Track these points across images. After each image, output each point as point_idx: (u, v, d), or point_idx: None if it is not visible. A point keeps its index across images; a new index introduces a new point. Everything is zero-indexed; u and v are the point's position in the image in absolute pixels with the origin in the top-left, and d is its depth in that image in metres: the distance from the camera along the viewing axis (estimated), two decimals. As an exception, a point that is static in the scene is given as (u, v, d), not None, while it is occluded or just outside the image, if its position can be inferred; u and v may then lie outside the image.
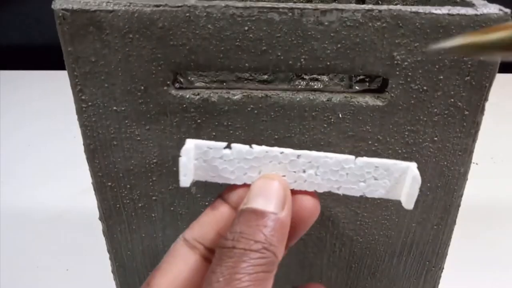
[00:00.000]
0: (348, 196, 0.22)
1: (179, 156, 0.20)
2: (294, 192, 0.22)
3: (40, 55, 0.69)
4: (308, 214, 0.22)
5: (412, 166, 0.21)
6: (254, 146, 0.21)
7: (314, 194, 0.22)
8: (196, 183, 0.22)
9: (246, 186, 0.21)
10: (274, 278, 0.19)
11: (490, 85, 0.24)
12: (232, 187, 0.22)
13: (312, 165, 0.21)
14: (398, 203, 0.21)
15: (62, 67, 0.24)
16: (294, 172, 0.21)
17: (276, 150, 0.21)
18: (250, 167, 0.21)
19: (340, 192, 0.22)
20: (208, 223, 0.21)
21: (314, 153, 0.21)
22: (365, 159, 0.21)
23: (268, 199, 0.20)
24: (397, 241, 0.30)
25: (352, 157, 0.21)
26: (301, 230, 0.22)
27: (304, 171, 0.21)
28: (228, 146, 0.21)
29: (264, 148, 0.21)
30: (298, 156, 0.21)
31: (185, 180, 0.21)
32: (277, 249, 0.19)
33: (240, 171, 0.21)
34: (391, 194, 0.22)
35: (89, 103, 0.25)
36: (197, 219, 0.22)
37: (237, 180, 0.22)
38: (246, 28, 0.23)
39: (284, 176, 0.22)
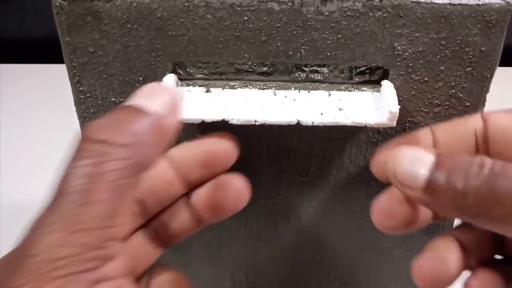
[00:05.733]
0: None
1: None
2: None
3: (39, 49, 0.69)
4: (236, 195, 0.22)
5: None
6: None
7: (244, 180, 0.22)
8: None
9: None
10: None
11: (492, 76, 0.24)
12: None
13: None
14: None
15: (61, 61, 0.24)
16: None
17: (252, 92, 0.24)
18: None
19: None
20: None
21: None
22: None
23: (151, 99, 0.18)
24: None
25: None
26: (226, 212, 0.22)
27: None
28: (208, 90, 0.24)
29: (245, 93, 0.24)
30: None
31: None
32: (147, 150, 0.17)
33: None
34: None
35: (88, 94, 0.24)
36: None
37: None
38: (246, 18, 0.23)
39: None
